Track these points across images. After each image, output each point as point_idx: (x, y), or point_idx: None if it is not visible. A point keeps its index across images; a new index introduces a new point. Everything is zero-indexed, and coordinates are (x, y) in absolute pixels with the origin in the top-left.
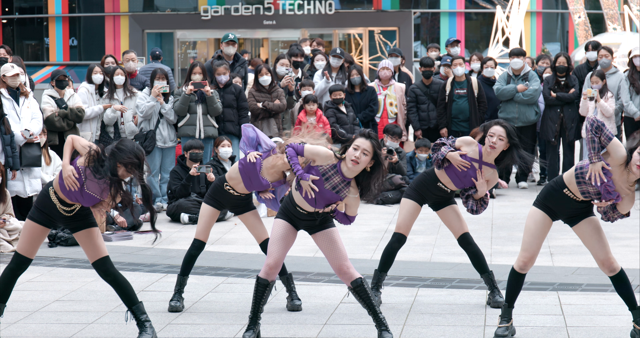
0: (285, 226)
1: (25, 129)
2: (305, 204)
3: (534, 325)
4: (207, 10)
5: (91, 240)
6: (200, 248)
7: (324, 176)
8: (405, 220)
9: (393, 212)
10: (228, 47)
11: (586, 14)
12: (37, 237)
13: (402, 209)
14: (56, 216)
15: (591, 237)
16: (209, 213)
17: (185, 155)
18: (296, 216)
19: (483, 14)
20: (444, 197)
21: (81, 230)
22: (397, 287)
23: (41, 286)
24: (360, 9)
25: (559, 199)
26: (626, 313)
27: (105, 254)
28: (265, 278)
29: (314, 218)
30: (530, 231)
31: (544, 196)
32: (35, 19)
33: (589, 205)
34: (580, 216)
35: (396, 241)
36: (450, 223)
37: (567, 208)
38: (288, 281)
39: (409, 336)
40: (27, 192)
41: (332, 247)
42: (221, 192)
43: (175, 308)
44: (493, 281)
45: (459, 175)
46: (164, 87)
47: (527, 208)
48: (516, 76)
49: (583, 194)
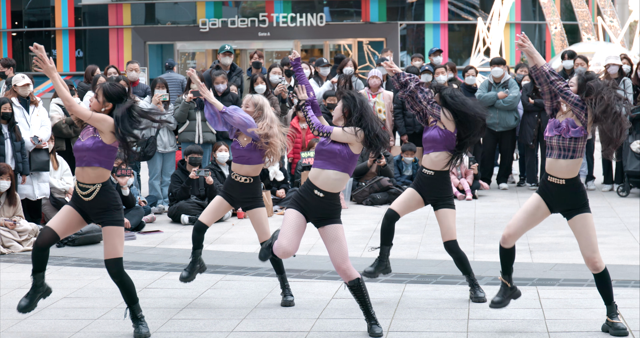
0: (297, 215)
1: (35, 136)
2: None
3: (514, 318)
4: (205, 23)
5: (111, 238)
6: (200, 229)
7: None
8: (400, 200)
9: (381, 213)
10: (225, 58)
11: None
12: (66, 215)
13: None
14: (82, 204)
15: (580, 234)
16: (218, 200)
17: (185, 159)
18: (309, 202)
19: (465, 26)
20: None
21: (105, 225)
22: (386, 283)
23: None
24: (349, 21)
25: (549, 189)
26: (601, 307)
27: (119, 255)
28: (277, 255)
29: (325, 204)
30: (522, 208)
31: (541, 186)
32: (43, 32)
33: (581, 197)
34: (575, 211)
35: (385, 218)
36: (443, 224)
37: (558, 197)
38: (283, 279)
39: (397, 329)
40: (36, 195)
41: (336, 245)
42: (231, 184)
43: (182, 277)
44: (474, 280)
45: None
46: (163, 96)
47: (507, 207)
48: (497, 83)
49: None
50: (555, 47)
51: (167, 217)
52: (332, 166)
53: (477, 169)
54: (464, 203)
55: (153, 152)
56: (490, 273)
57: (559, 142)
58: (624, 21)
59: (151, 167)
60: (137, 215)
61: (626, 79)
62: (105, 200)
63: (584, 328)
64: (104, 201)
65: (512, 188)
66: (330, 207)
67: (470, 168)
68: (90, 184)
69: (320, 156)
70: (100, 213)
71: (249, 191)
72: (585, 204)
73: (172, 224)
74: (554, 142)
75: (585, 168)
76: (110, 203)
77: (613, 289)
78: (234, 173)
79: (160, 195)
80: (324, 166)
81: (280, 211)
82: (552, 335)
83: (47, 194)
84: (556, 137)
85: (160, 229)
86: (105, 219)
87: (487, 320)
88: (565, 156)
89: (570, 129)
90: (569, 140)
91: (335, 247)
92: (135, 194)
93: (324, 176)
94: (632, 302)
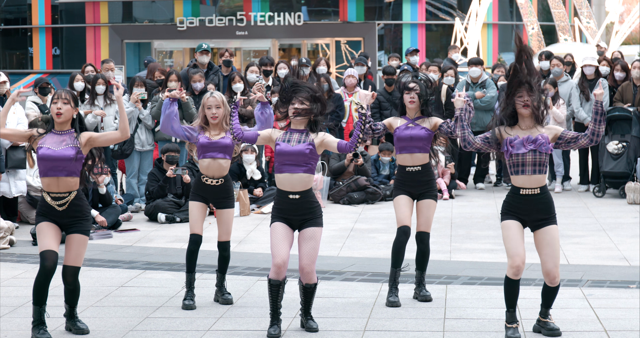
0: (283, 227)
1: None
2: (292, 184)
3: (490, 318)
4: (182, 22)
5: (77, 246)
6: (197, 242)
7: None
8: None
9: (358, 211)
10: (202, 57)
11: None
12: (50, 231)
13: (397, 205)
14: (55, 215)
15: (546, 246)
16: (197, 207)
17: (162, 158)
18: (288, 208)
19: (443, 26)
20: (427, 188)
21: (74, 233)
22: (362, 282)
23: (26, 282)
24: (327, 21)
25: (520, 204)
26: (577, 306)
27: (79, 265)
28: (276, 278)
29: (303, 202)
30: (508, 238)
31: (506, 207)
32: (20, 29)
33: (553, 205)
34: (547, 221)
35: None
36: (422, 214)
37: (533, 209)
38: (221, 280)
39: (373, 328)
40: (12, 193)
41: (310, 244)
42: (201, 186)
43: (188, 306)
44: (424, 279)
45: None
46: (142, 94)
47: (484, 207)
48: (474, 83)
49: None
50: (533, 48)
51: (143, 215)
52: (300, 169)
53: (454, 168)
54: (441, 202)
55: (131, 150)
56: (466, 272)
57: (535, 157)
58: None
59: (129, 165)
60: (113, 213)
61: (602, 79)
62: (78, 208)
63: (560, 328)
64: (78, 209)
65: (488, 187)
66: (309, 206)
67: (446, 167)
68: (66, 192)
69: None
70: (73, 221)
71: (220, 191)
72: (555, 215)
73: (148, 222)
74: (528, 158)
75: (562, 168)
76: (83, 210)
77: (587, 289)
78: (204, 177)
79: (137, 194)
80: (293, 171)
81: (257, 210)
82: (528, 335)
83: (24, 192)
84: (532, 152)
85: (137, 227)
86: (76, 227)
87: (463, 320)
88: (540, 171)
89: (546, 143)
90: (544, 155)
91: (309, 246)
92: (112, 193)
93: (295, 180)
94: (607, 302)
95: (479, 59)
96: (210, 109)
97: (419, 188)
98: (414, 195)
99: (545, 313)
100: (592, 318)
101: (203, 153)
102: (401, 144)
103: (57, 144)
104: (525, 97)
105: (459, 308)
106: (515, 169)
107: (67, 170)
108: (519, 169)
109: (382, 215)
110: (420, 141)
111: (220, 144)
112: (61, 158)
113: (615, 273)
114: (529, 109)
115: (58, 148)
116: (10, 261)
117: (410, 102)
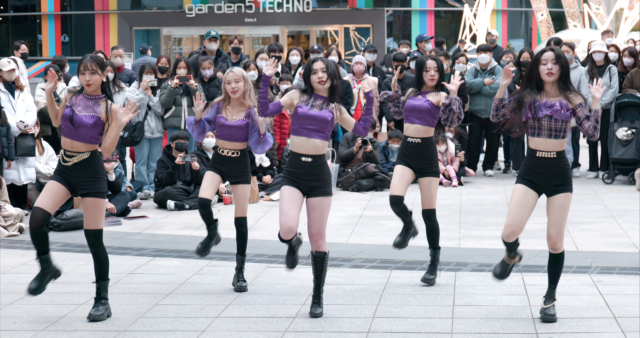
0: (291, 191)
1: (20, 120)
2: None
3: (500, 305)
4: (191, 9)
5: (92, 209)
6: (202, 204)
7: (308, 105)
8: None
9: (367, 198)
10: (210, 44)
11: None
12: (51, 190)
13: (394, 175)
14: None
15: (553, 212)
16: (210, 175)
17: (172, 145)
18: (299, 171)
19: (452, 12)
20: (427, 163)
21: (87, 197)
22: (371, 269)
23: (35, 269)
24: (336, 8)
25: (535, 168)
26: (586, 293)
27: (99, 227)
28: (286, 238)
29: (315, 168)
30: (512, 201)
31: (522, 170)
32: (29, 16)
33: (569, 172)
34: (562, 187)
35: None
36: (425, 193)
37: (548, 173)
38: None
39: (382, 315)
40: (21, 180)
41: (317, 213)
42: (217, 158)
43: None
44: (437, 259)
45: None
46: (152, 81)
47: (493, 194)
48: (483, 70)
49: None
50: (542, 35)
51: (153, 203)
52: (317, 135)
53: (463, 157)
54: (450, 189)
55: (140, 137)
56: (475, 259)
57: (550, 123)
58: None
59: (138, 152)
60: (123, 201)
61: (612, 66)
62: (92, 167)
63: (569, 314)
64: (90, 168)
65: (497, 174)
66: (320, 171)
67: (457, 156)
68: (78, 152)
69: (307, 123)
70: (86, 181)
71: (237, 164)
72: (571, 183)
73: (158, 209)
74: (543, 123)
75: (571, 155)
76: (96, 170)
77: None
78: (219, 149)
79: (147, 181)
80: (310, 135)
81: (266, 197)
82: (537, 321)
83: (33, 179)
84: (547, 118)
85: (146, 214)
86: (89, 189)
87: (472, 307)
88: (557, 136)
89: (564, 111)
90: (561, 122)
91: (315, 215)
92: (121, 180)
93: (310, 145)
94: (617, 288)
95: (488, 46)
96: (229, 84)
97: (419, 162)
98: (414, 168)
99: (550, 294)
100: (602, 304)
101: (219, 133)
102: (405, 113)
103: (83, 109)
104: (549, 64)
105: (468, 295)
106: (532, 131)
107: (81, 135)
108: (535, 132)
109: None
110: (420, 113)
111: (236, 126)
112: (79, 123)
113: (625, 260)
114: (552, 76)
115: (81, 112)
116: (20, 248)
117: (431, 80)
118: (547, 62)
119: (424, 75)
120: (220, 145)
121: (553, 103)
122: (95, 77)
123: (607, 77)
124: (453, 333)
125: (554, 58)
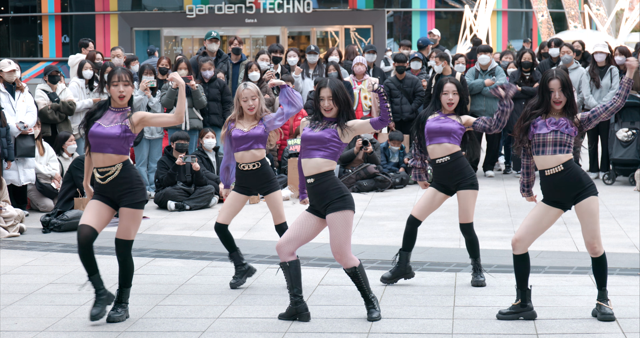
0: (304, 214)
1: (20, 121)
2: (307, 168)
3: (500, 306)
4: (192, 9)
5: (127, 219)
6: (218, 229)
7: (310, 128)
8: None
9: (368, 199)
10: (211, 44)
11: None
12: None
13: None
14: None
15: (582, 219)
16: (231, 196)
17: (172, 146)
18: (309, 193)
19: (452, 13)
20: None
21: (124, 206)
22: (372, 270)
23: (35, 270)
24: (336, 8)
25: (552, 186)
26: (586, 294)
27: (130, 238)
28: (281, 260)
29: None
30: (530, 216)
31: (542, 190)
32: (30, 17)
33: (585, 177)
34: (584, 193)
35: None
36: (461, 206)
37: (564, 187)
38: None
39: (383, 316)
40: (21, 181)
41: (332, 234)
42: (240, 174)
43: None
44: (479, 265)
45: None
46: (151, 82)
47: (493, 195)
48: (483, 71)
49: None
50: (542, 35)
51: (153, 203)
52: (318, 153)
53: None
54: None
55: (140, 138)
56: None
57: (556, 137)
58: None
59: (138, 153)
60: None
61: (613, 67)
62: (127, 180)
63: (569, 315)
64: (125, 181)
65: (498, 175)
66: (325, 189)
67: None
68: (111, 166)
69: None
70: (122, 194)
71: (259, 176)
72: (592, 186)
73: (158, 210)
74: (549, 138)
75: None
76: (132, 182)
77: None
78: (239, 164)
79: (147, 181)
80: (310, 156)
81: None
82: (538, 322)
83: (33, 180)
84: (553, 133)
85: (146, 215)
86: (126, 200)
87: (472, 307)
88: (561, 151)
89: (569, 126)
90: (567, 136)
91: (331, 234)
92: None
93: (311, 164)
94: (617, 289)
95: (488, 47)
96: (246, 102)
97: (453, 179)
98: (449, 189)
99: (602, 295)
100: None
101: (237, 146)
102: (429, 135)
103: (109, 122)
104: (556, 93)
105: (468, 296)
106: (536, 150)
107: (112, 147)
108: (539, 150)
109: (391, 203)
110: (449, 132)
111: (253, 134)
112: (107, 136)
113: (625, 261)
114: (560, 105)
115: (107, 125)
116: (21, 249)
117: (449, 105)
118: (555, 91)
119: (442, 98)
120: (240, 159)
121: (558, 120)
122: (128, 88)
123: (608, 79)
124: (453, 334)
125: (560, 87)
